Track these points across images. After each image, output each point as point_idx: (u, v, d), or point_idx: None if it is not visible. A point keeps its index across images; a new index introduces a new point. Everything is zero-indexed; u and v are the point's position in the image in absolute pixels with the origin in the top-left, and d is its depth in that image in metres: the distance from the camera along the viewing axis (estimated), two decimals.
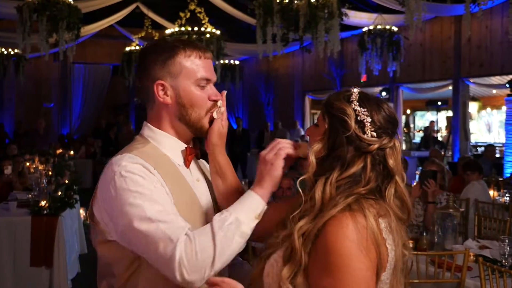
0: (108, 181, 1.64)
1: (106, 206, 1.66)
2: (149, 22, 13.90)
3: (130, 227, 1.58)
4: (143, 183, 1.63)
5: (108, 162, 1.72)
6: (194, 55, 1.77)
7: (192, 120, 1.79)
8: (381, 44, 11.73)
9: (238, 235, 1.59)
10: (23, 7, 9.29)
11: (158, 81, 1.76)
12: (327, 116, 1.57)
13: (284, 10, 8.93)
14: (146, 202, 1.59)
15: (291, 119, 17.18)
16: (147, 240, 1.56)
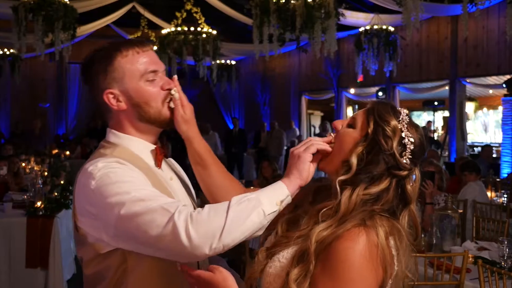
0: (87, 185, 1.60)
1: (91, 212, 1.60)
2: (145, 22, 13.89)
3: (123, 216, 1.52)
4: (123, 173, 1.60)
5: (80, 171, 1.68)
6: (131, 53, 1.73)
7: (152, 116, 1.75)
8: (378, 44, 11.70)
9: (256, 214, 1.52)
10: (18, 7, 9.26)
11: (106, 91, 1.72)
12: (373, 124, 1.54)
13: (280, 10, 8.91)
14: (132, 188, 1.55)
15: (287, 119, 17.15)
16: (144, 220, 1.50)
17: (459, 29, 12.21)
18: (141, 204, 1.52)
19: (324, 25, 8.95)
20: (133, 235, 1.53)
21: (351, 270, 1.40)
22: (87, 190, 1.59)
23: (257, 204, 1.53)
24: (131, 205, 1.52)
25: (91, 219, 1.61)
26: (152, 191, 1.58)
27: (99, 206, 1.57)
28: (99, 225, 1.59)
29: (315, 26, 8.84)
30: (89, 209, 1.61)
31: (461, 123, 12.78)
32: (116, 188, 1.55)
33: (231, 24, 14.96)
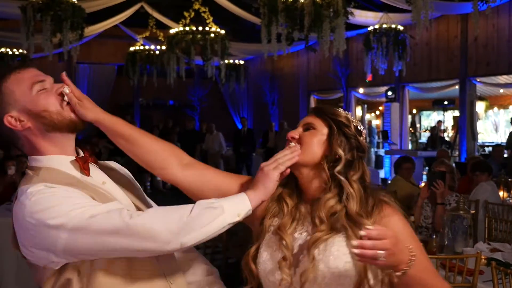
0: (22, 217, 1.60)
1: (33, 241, 1.61)
2: (153, 22, 13.86)
3: (68, 236, 1.55)
4: (53, 196, 1.60)
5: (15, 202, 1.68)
6: (13, 75, 1.72)
7: (56, 121, 1.73)
8: (387, 43, 11.63)
9: (218, 221, 1.61)
10: (27, 7, 9.28)
11: (5, 116, 1.70)
12: (331, 120, 1.78)
13: (288, 9, 8.86)
14: (67, 208, 1.57)
15: (296, 119, 17.06)
16: (92, 230, 1.54)
17: (469, 28, 12.11)
18: (85, 217, 1.54)
19: (333, 24, 8.89)
20: (84, 248, 1.57)
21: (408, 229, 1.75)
22: (24, 222, 1.59)
23: (220, 213, 1.61)
24: (73, 223, 1.54)
25: (34, 248, 1.62)
26: (91, 201, 1.62)
27: (40, 234, 1.57)
28: (44, 252, 1.60)
29: (324, 25, 8.78)
30: (29, 240, 1.61)
31: (471, 122, 12.68)
32: (53, 212, 1.55)
33: (240, 24, 14.95)
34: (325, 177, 1.74)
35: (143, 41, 14.33)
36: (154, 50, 14.07)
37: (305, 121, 1.82)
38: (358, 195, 1.71)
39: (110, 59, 17.69)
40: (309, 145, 1.76)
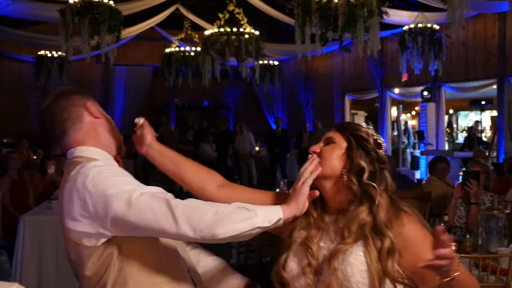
0: (82, 184, 1.78)
1: (87, 210, 1.76)
2: (188, 24, 14.01)
3: (122, 206, 1.70)
4: (110, 170, 1.84)
5: (66, 180, 1.85)
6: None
7: (117, 133, 2.09)
8: (422, 42, 11.53)
9: (248, 222, 1.73)
10: (66, 10, 9.47)
11: (87, 103, 2.03)
12: (351, 135, 1.90)
13: (322, 9, 8.87)
14: (124, 181, 1.79)
15: (330, 119, 17.04)
16: (143, 206, 1.70)
17: (507, 26, 11.92)
18: (137, 193, 1.71)
19: (367, 24, 8.85)
20: (130, 221, 1.71)
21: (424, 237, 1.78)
22: (82, 190, 1.77)
23: (253, 215, 1.74)
24: (127, 196, 1.71)
25: (85, 218, 1.77)
26: (138, 184, 1.81)
27: (95, 202, 1.74)
28: (94, 222, 1.76)
29: (358, 25, 8.76)
30: (83, 209, 1.77)
31: (509, 122, 12.45)
32: (110, 182, 1.75)
33: (274, 25, 15.00)
34: (354, 189, 1.83)
35: (178, 42, 14.49)
36: (189, 51, 14.21)
37: (327, 135, 1.94)
38: (386, 204, 1.81)
39: (146, 61, 17.94)
40: (328, 158, 1.87)
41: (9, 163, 7.45)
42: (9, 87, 16.66)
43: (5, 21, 12.81)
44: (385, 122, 15.62)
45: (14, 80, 16.74)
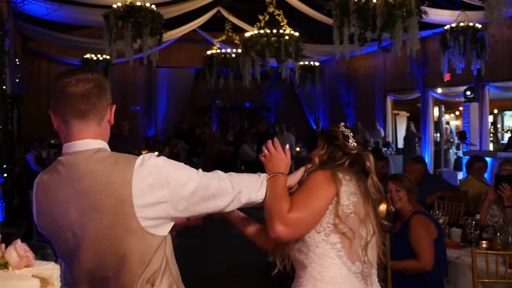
0: (159, 172, 1.88)
1: (161, 194, 1.86)
2: (229, 26, 14.17)
3: (197, 188, 1.93)
4: (176, 161, 2.01)
5: (132, 165, 1.88)
6: None
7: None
8: (464, 42, 11.40)
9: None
10: (109, 15, 9.74)
11: (112, 105, 2.02)
12: (324, 135, 2.52)
13: (360, 9, 8.87)
14: (191, 170, 1.98)
15: (372, 119, 16.98)
16: (214, 191, 1.98)
17: None
18: (208, 179, 1.98)
19: (406, 23, 8.82)
20: (201, 202, 1.96)
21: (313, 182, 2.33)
22: (159, 177, 1.86)
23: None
24: (201, 179, 1.95)
25: (158, 203, 1.86)
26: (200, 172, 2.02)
27: (171, 189, 1.87)
28: (168, 208, 1.88)
29: (396, 25, 8.74)
30: (157, 194, 1.85)
31: None
32: (183, 169, 1.95)
33: (316, 26, 15.00)
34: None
35: (219, 44, 14.67)
36: (230, 53, 14.37)
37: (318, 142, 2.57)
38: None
39: (188, 63, 18.21)
40: (312, 158, 2.50)
41: None
42: None
43: (53, 25, 13.26)
44: (427, 122, 15.45)
45: None
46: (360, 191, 2.30)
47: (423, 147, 15.43)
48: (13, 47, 10.88)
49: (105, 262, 1.88)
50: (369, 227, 2.29)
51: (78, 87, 1.89)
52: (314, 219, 2.23)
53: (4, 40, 9.06)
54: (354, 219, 2.25)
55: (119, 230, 1.84)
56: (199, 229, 2.57)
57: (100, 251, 1.87)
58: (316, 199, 2.23)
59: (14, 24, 10.45)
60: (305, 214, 2.21)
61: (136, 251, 1.86)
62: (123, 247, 1.85)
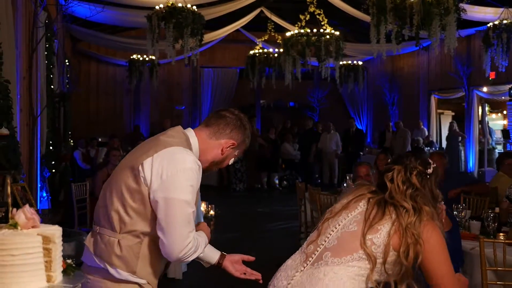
0: (181, 165, 2.33)
1: (165, 176, 2.30)
2: (272, 25, 14.34)
3: (181, 203, 2.29)
4: (197, 178, 2.39)
5: (172, 144, 2.37)
6: (247, 141, 2.69)
7: (211, 167, 2.67)
8: (508, 39, 11.26)
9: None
10: (152, 16, 10.05)
11: (232, 140, 2.57)
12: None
13: (397, 8, 8.91)
14: (193, 195, 2.34)
15: (416, 119, 16.87)
16: (180, 220, 2.30)
17: None
18: (189, 209, 2.33)
19: (444, 21, 8.81)
20: (166, 211, 2.30)
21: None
22: (176, 169, 2.31)
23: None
24: (186, 204, 2.32)
25: (157, 179, 2.31)
26: (193, 202, 2.39)
27: (170, 181, 2.29)
28: (158, 182, 2.31)
29: (434, 23, 8.74)
30: (162, 175, 2.30)
31: None
32: (189, 187, 2.33)
33: (359, 25, 15.04)
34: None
35: (262, 44, 14.86)
36: (273, 52, 14.54)
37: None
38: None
39: (232, 63, 18.50)
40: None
41: (111, 159, 8.17)
42: (105, 89, 17.79)
43: (102, 27, 13.75)
44: (472, 121, 15.25)
45: (109, 83, 17.84)
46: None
47: (467, 146, 15.25)
48: (62, 48, 11.35)
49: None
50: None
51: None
52: None
53: (52, 41, 9.51)
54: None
55: None
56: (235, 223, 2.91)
57: None
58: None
59: (63, 25, 10.90)
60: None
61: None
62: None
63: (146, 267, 2.39)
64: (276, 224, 10.16)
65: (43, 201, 8.04)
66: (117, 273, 2.36)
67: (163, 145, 2.36)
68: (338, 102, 19.76)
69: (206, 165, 2.55)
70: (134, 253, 2.36)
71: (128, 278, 2.37)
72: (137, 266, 2.37)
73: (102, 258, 2.37)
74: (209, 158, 2.55)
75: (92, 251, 2.41)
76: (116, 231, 2.35)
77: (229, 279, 2.84)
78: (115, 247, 2.35)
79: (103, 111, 17.55)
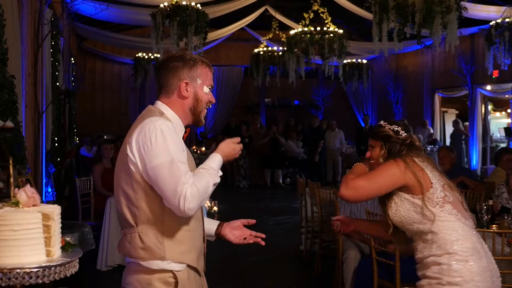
0: (150, 134, 2.33)
1: (145, 152, 2.32)
2: (276, 24, 14.41)
3: (163, 165, 2.28)
4: (173, 136, 2.36)
5: (144, 120, 2.40)
6: (207, 68, 2.58)
7: (197, 112, 2.55)
8: (510, 37, 11.31)
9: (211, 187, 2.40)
10: (156, 14, 10.15)
11: (184, 80, 2.49)
12: (378, 138, 3.02)
13: (399, 6, 8.98)
14: (175, 151, 2.30)
15: (420, 117, 16.92)
16: (169, 178, 2.27)
17: None
18: (175, 166, 2.29)
19: (445, 19, 8.88)
20: (156, 179, 2.31)
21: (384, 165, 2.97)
22: (151, 140, 2.32)
23: (215, 172, 2.45)
24: (168, 164, 2.29)
25: (139, 154, 2.34)
26: (184, 158, 2.36)
27: (150, 151, 2.31)
28: (142, 160, 2.35)
29: (435, 21, 8.81)
30: (144, 153, 2.33)
31: None
32: (166, 146, 2.31)
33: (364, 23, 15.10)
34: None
35: (266, 42, 14.94)
36: (277, 50, 14.61)
37: (369, 143, 3.09)
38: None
39: (237, 61, 18.60)
40: (375, 157, 3.03)
41: (103, 153, 8.29)
42: (110, 87, 17.96)
43: (107, 25, 13.88)
44: (475, 119, 15.30)
45: (115, 81, 18.00)
46: (431, 165, 2.89)
47: (470, 144, 15.30)
48: (67, 46, 11.48)
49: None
50: (454, 189, 2.87)
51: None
52: (375, 191, 2.88)
53: (58, 39, 9.63)
54: (448, 188, 2.84)
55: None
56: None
57: None
58: (381, 178, 2.84)
59: (68, 23, 11.02)
60: (366, 183, 2.84)
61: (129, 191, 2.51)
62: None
63: (175, 247, 2.38)
64: (278, 218, 10.35)
65: (48, 196, 8.17)
66: (148, 264, 2.37)
67: (135, 126, 2.43)
68: (342, 100, 19.83)
69: (191, 117, 2.56)
70: (157, 238, 2.36)
71: (160, 266, 2.37)
72: (165, 250, 2.37)
73: (131, 256, 2.40)
74: (186, 111, 2.54)
75: (121, 252, 2.47)
76: (133, 226, 2.38)
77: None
78: (137, 241, 2.36)
79: (108, 109, 17.71)
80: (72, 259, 1.97)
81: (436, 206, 2.75)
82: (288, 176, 15.87)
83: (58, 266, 1.90)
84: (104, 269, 6.54)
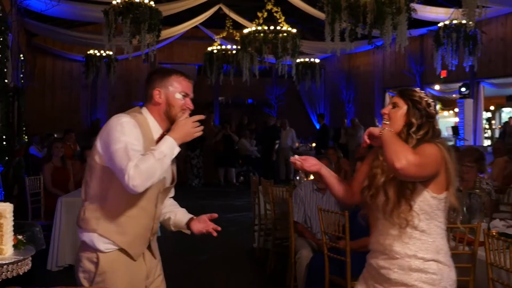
0: (113, 126, 2.64)
1: (106, 140, 2.63)
2: (230, 23, 14.42)
3: (118, 150, 2.56)
4: (130, 129, 2.64)
5: (114, 117, 2.73)
6: (181, 77, 2.84)
7: (172, 116, 2.78)
8: (457, 39, 11.62)
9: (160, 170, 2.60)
10: (109, 11, 10.01)
11: (156, 88, 2.79)
12: (409, 100, 2.66)
13: (351, 6, 9.12)
14: (132, 140, 2.61)
15: (371, 116, 17.23)
16: (121, 158, 2.54)
17: None
18: (126, 151, 2.56)
19: (395, 20, 9.07)
20: (111, 161, 2.61)
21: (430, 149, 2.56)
22: (112, 130, 2.62)
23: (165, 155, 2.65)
24: (122, 149, 2.58)
25: (105, 143, 2.65)
26: (136, 147, 2.61)
27: (109, 140, 2.61)
28: (105, 149, 2.64)
29: (386, 22, 8.99)
30: (106, 141, 2.64)
31: None
32: (121, 135, 2.61)
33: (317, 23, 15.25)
34: (403, 137, 2.61)
35: (220, 41, 14.92)
36: (231, 49, 14.61)
37: (393, 100, 2.73)
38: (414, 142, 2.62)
39: (191, 59, 18.54)
40: (394, 118, 2.66)
41: (53, 152, 8.14)
42: (61, 85, 17.62)
43: (59, 21, 13.60)
44: None
45: (65, 78, 17.67)
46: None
47: None
48: (16, 42, 11.20)
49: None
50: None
51: None
52: (428, 172, 2.53)
53: (6, 35, 9.38)
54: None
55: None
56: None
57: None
58: (432, 164, 2.53)
59: (17, 19, 10.77)
60: (425, 161, 2.49)
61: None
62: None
63: (110, 226, 2.66)
64: (231, 216, 10.45)
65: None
66: (82, 236, 2.70)
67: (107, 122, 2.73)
68: (295, 99, 20.00)
69: (167, 121, 2.80)
70: (96, 212, 2.68)
71: (90, 239, 2.66)
72: (99, 224, 2.66)
73: (76, 224, 2.76)
74: (162, 115, 2.79)
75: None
76: (85, 201, 2.76)
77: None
78: (81, 213, 2.73)
79: (59, 107, 17.37)
80: (24, 257, 1.95)
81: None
82: (241, 174, 15.92)
83: (10, 264, 1.88)
84: (55, 269, 6.43)
